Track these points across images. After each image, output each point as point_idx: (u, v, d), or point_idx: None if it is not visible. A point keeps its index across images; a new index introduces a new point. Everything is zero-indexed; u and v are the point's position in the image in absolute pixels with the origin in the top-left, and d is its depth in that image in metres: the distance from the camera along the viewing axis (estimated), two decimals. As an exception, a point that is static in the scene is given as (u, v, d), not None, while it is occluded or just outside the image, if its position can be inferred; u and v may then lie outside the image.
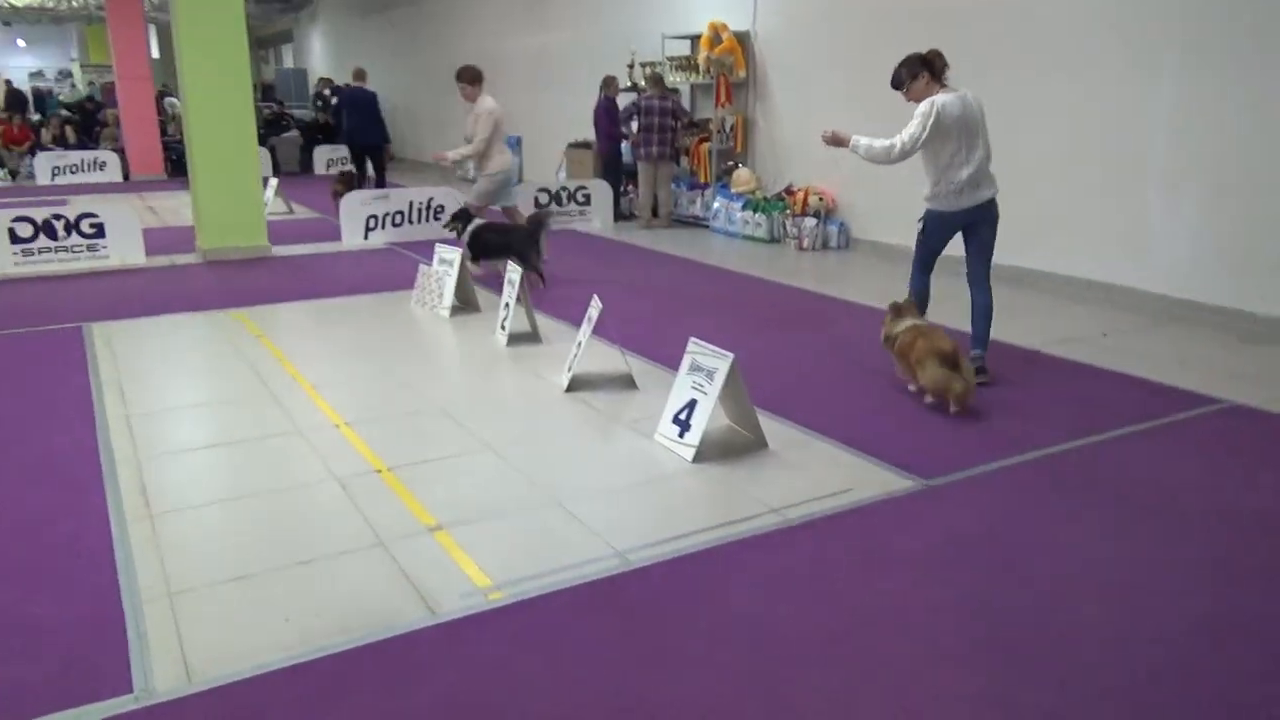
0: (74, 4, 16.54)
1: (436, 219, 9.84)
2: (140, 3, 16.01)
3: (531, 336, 5.89)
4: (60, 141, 17.28)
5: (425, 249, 7.01)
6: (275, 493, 3.71)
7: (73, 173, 15.58)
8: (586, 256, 8.98)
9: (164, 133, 16.73)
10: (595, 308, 4.79)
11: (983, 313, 5.06)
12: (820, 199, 9.28)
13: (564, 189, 10.81)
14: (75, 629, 2.74)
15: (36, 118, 18.73)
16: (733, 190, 10.20)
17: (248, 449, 4.19)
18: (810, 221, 9.26)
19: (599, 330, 4.94)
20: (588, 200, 10.86)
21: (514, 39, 15.08)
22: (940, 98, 4.83)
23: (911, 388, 4.81)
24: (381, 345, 5.88)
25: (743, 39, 10.07)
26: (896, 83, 5.01)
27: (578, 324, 5.14)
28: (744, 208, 9.93)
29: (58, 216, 8.12)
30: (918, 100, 4.91)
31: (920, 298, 5.20)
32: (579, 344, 4.90)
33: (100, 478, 3.81)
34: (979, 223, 5.00)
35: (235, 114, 8.51)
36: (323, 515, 3.50)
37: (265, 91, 23.82)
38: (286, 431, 4.36)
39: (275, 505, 3.60)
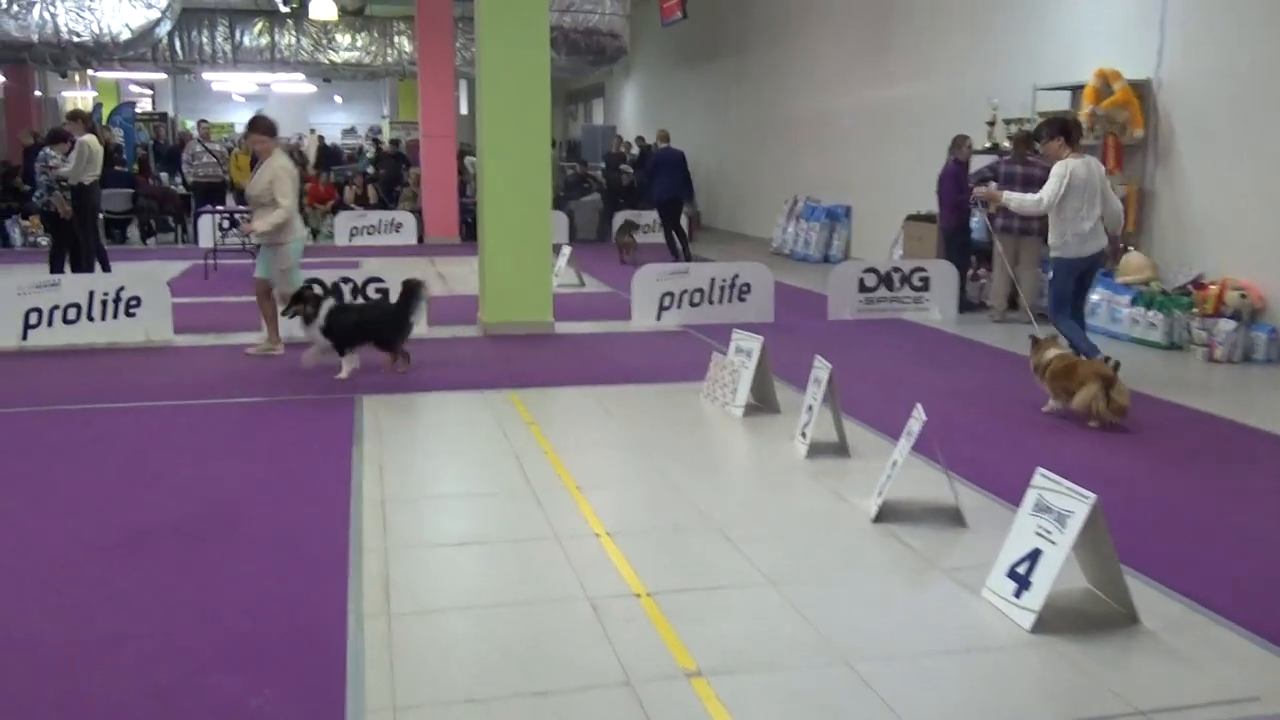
0: (388, 60, 19.18)
1: (741, 300, 10.13)
2: (451, 56, 18.20)
3: (838, 448, 5.81)
4: (361, 201, 19.90)
5: (725, 334, 7.20)
6: (521, 606, 3.90)
7: (370, 234, 17.83)
8: (916, 354, 8.78)
9: (462, 194, 18.74)
10: (918, 419, 4.65)
11: (1083, 338, 7.31)
12: (1243, 295, 8.46)
13: (896, 270, 10.72)
14: (296, 732, 3.02)
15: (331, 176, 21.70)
16: (1119, 279, 9.59)
17: (499, 552, 4.46)
18: (1227, 324, 8.46)
19: (921, 447, 4.78)
20: (925, 284, 10.67)
21: (848, 93, 15.39)
22: (1071, 162, 7.06)
23: (1058, 404, 6.55)
24: (659, 444, 6.07)
25: (1141, 90, 9.56)
26: (1036, 137, 7.83)
27: (895, 437, 5.01)
28: (1133, 302, 9.30)
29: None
30: (1053, 156, 7.23)
31: (1076, 335, 7.25)
32: (894, 463, 4.76)
33: (345, 565, 4.21)
34: (1091, 269, 7.46)
35: (530, 176, 9.35)
36: (569, 640, 3.62)
37: (570, 150, 26.00)
38: (543, 536, 4.59)
39: (519, 621, 3.78)
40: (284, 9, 19.97)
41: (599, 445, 6.17)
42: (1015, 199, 7.54)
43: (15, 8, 16.46)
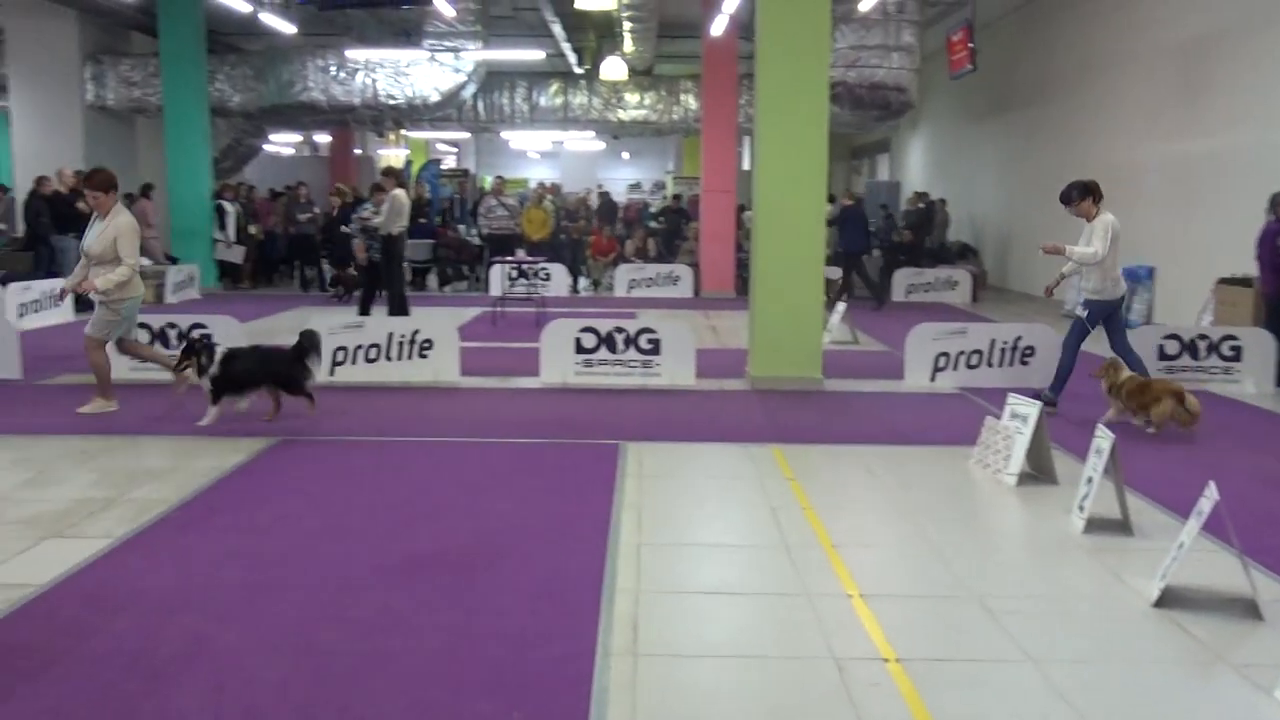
0: (674, 117, 19.92)
1: (1024, 363, 9.74)
2: (735, 114, 18.67)
3: (1120, 525, 5.48)
4: (641, 254, 20.67)
5: (1003, 399, 6.96)
6: (765, 660, 3.94)
7: (648, 286, 18.48)
8: (1219, 429, 8.10)
9: (739, 249, 19.08)
10: (1209, 499, 4.33)
11: (1138, 360, 8.39)
12: None
13: (1203, 337, 9.96)
14: (539, 759, 3.19)
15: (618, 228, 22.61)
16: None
17: (748, 604, 4.52)
18: None
19: (1215, 530, 4.44)
20: (1237, 354, 9.85)
21: (1153, 144, 14.51)
22: (1110, 217, 8.11)
23: (1136, 421, 7.75)
24: (922, 507, 5.94)
25: None
26: (1066, 199, 8.38)
27: (1184, 516, 4.67)
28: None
29: (620, 330, 9.70)
30: (1084, 215, 8.27)
31: (1068, 370, 8.52)
32: (1181, 544, 4.44)
33: (598, 604, 4.40)
34: (1118, 310, 8.52)
35: (804, 231, 9.44)
36: (811, 699, 3.61)
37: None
38: (794, 592, 4.60)
39: (762, 675, 3.81)
40: (578, 71, 21.19)
41: (859, 505, 6.11)
42: (1077, 251, 8.20)
43: (342, 74, 18.39)
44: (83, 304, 11.84)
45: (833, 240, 15.88)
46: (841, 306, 13.11)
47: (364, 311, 12.29)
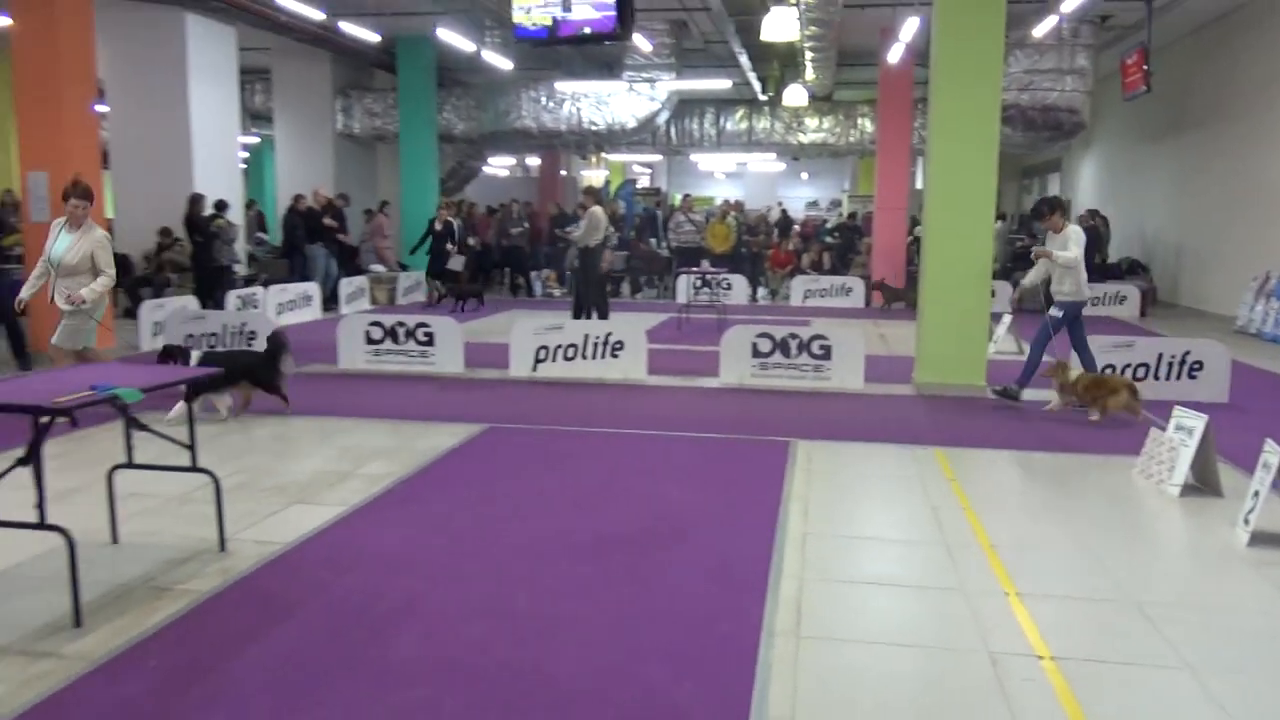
0: (850, 139, 19.60)
1: (1192, 377, 9.10)
2: (909, 135, 18.18)
3: (1288, 540, 5.05)
4: (817, 267, 20.38)
5: (1166, 411, 6.53)
6: (922, 650, 3.83)
7: (822, 296, 18.23)
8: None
9: (909, 261, 18.57)
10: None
11: (1091, 358, 8.62)
12: None
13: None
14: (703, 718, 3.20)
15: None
16: None
17: (907, 596, 4.40)
18: None
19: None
20: None
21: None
22: (1078, 228, 8.58)
23: (1093, 418, 7.96)
24: (1082, 513, 5.63)
25: None
26: (1038, 214, 8.99)
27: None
28: None
29: (794, 336, 9.60)
30: (1052, 228, 8.56)
31: (1035, 365, 8.61)
32: (1352, 562, 4.06)
33: (764, 587, 4.37)
34: (1081, 311, 8.66)
35: (972, 246, 9.11)
36: (965, 690, 3.49)
37: (1021, 223, 24.80)
38: (951, 587, 4.45)
39: (918, 664, 3.71)
40: (761, 98, 21.09)
41: (1019, 508, 5.85)
42: (1061, 255, 8.36)
43: (551, 104, 18.90)
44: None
45: (1000, 255, 15.20)
46: (1007, 318, 12.57)
47: (576, 315, 12.59)
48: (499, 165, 31.06)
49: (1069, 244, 8.38)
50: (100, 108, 12.49)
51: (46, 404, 3.79)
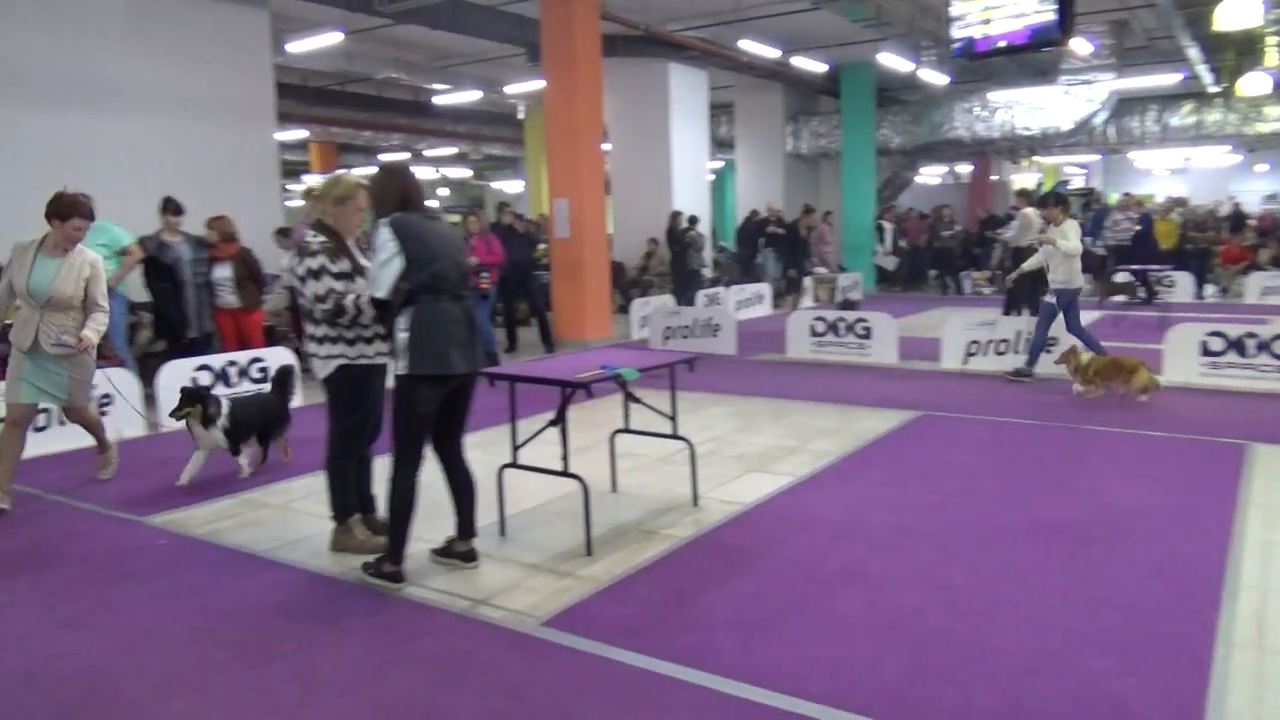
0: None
1: None
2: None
3: None
4: (1277, 263, 17.11)
5: None
6: None
7: (1283, 293, 15.27)
8: None
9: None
10: None
11: (1091, 338, 8.28)
12: None
13: None
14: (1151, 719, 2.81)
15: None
16: None
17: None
18: None
19: None
20: None
21: None
22: (1074, 220, 8.52)
23: (1122, 390, 7.60)
24: None
25: None
26: (1043, 204, 9.39)
27: None
28: None
29: (1251, 335, 8.13)
30: (1052, 219, 8.39)
31: (1040, 346, 8.55)
32: None
33: (1218, 594, 3.75)
34: (1076, 297, 8.32)
35: None
36: None
37: None
38: None
39: None
40: (1213, 89, 18.12)
41: None
42: (1064, 244, 8.09)
43: (984, 113, 17.76)
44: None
45: None
46: None
47: (1007, 312, 11.77)
48: (929, 174, 29.84)
49: (1069, 234, 8.17)
50: (605, 145, 13.89)
51: (571, 379, 4.28)
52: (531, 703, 3.05)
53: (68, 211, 5.14)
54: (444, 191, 36.36)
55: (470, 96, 18.78)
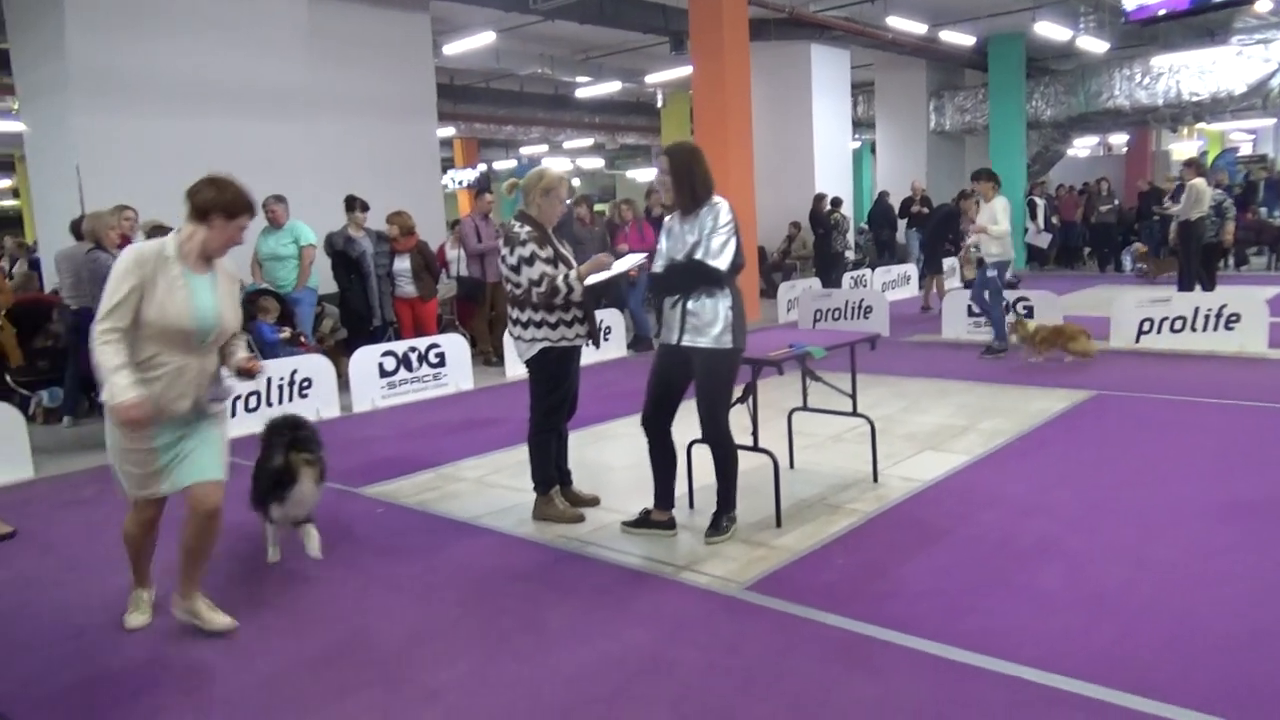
0: None
1: None
2: None
3: None
4: None
5: None
6: None
7: None
8: None
9: None
10: None
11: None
12: None
13: None
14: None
15: None
16: None
17: None
18: None
19: None
20: None
21: None
22: (1004, 198, 8.86)
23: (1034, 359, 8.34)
24: None
25: None
26: (975, 178, 9.03)
27: None
28: None
29: None
30: (983, 194, 8.88)
31: (1001, 318, 8.93)
32: None
33: None
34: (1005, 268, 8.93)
35: None
36: None
37: None
38: None
39: None
40: None
41: None
42: (994, 229, 8.63)
43: (1146, 80, 16.87)
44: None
45: None
46: None
47: (1182, 288, 11.27)
48: (1081, 146, 28.47)
49: (998, 214, 8.63)
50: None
51: (762, 357, 4.46)
52: (749, 658, 3.26)
53: (236, 206, 3.45)
54: (576, 182, 37.19)
55: (610, 88, 19.18)
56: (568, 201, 8.78)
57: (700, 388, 4.23)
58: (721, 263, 4.06)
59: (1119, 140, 27.43)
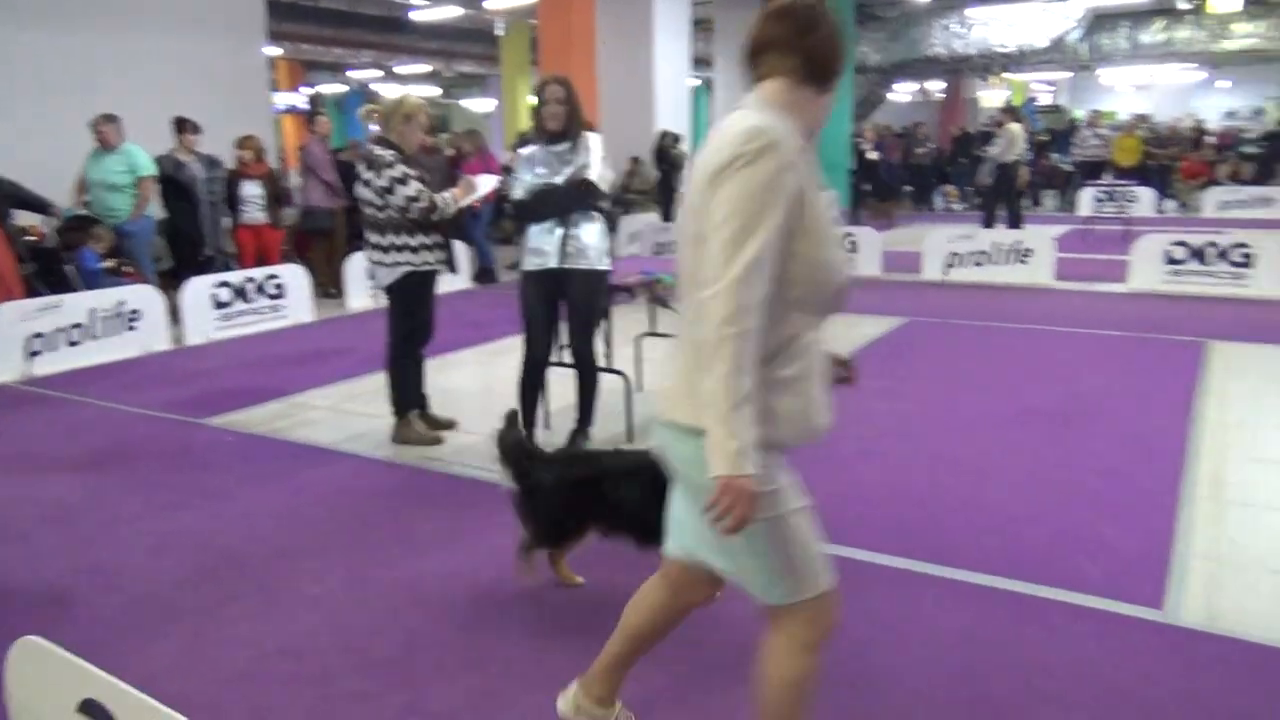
0: (1285, 41, 16.77)
1: None
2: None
3: None
4: (1235, 178, 17.82)
5: None
6: (1347, 523, 3.71)
7: (1240, 207, 16.00)
8: None
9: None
10: None
11: None
12: None
13: None
14: (1127, 551, 3.43)
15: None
16: None
17: (1332, 479, 4.20)
18: None
19: None
20: None
21: None
22: None
23: None
24: None
25: None
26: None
27: None
28: None
29: (1212, 244, 8.77)
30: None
31: None
32: None
33: (1179, 461, 4.39)
34: None
35: None
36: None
37: None
38: (1383, 476, 4.17)
39: (1343, 533, 3.62)
40: (1184, 6, 18.53)
41: None
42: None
43: (961, 29, 18.06)
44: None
45: None
46: None
47: (987, 225, 12.33)
48: (902, 91, 30.04)
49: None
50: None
51: (619, 283, 4.74)
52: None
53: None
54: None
55: (449, 12, 18.63)
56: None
57: (578, 309, 4.47)
58: (605, 187, 4.29)
59: (935, 87, 29.12)
